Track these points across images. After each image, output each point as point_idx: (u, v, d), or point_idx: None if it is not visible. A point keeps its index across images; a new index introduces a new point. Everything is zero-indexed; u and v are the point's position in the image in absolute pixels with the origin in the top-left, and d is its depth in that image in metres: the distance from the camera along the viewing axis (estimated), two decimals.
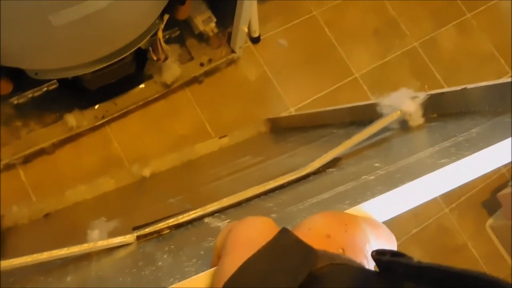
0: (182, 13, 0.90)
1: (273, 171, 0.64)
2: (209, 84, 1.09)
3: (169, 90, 1.02)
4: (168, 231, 0.46)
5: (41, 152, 0.97)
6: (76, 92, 0.96)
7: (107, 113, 0.99)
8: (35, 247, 0.69)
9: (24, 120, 0.97)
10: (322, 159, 0.51)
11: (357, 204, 0.27)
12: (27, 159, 0.97)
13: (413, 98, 0.53)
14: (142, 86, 1.03)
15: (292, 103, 1.13)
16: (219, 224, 0.42)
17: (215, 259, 0.24)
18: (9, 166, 0.96)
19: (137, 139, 1.03)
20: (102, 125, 1.00)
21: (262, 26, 1.12)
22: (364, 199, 0.28)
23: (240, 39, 1.01)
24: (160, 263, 0.35)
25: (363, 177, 0.37)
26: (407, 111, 0.54)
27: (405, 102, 0.54)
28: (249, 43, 1.13)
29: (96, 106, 0.99)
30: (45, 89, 1.00)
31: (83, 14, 0.61)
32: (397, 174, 0.34)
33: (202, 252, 0.32)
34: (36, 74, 0.79)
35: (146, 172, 0.94)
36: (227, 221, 0.42)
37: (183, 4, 0.84)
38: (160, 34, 0.87)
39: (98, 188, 0.92)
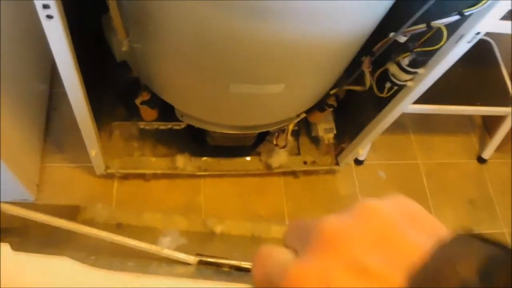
0: (315, 117, 1.01)
1: None
2: (303, 181, 1.15)
3: (269, 172, 1.09)
4: (228, 269, 0.48)
5: (140, 176, 1.06)
6: (196, 140, 1.06)
7: (209, 168, 1.08)
8: (98, 245, 0.73)
9: (141, 143, 1.09)
10: None
11: None
12: (126, 177, 1.06)
13: None
14: (248, 158, 1.11)
15: None
16: None
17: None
18: (109, 176, 1.05)
19: (221, 201, 1.09)
20: (200, 176, 1.08)
21: (369, 153, 1.19)
22: None
23: (349, 157, 1.09)
24: None
25: None
26: None
27: None
28: (352, 162, 1.19)
29: (203, 158, 1.09)
30: (170, 126, 1.12)
31: (258, 92, 0.72)
32: None
33: None
34: (182, 116, 0.91)
35: (218, 229, 0.97)
36: None
37: (321, 112, 0.94)
38: (291, 126, 0.98)
39: (171, 223, 0.95)
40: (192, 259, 0.47)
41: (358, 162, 1.20)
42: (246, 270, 0.48)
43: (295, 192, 1.13)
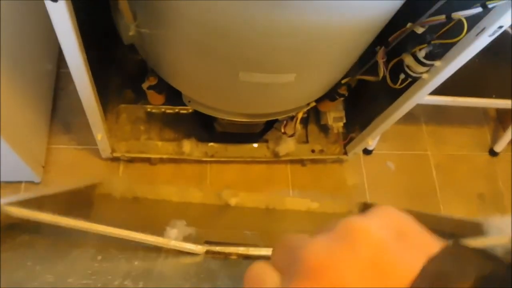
0: (325, 106, 0.99)
1: None
2: (310, 169, 1.14)
3: (276, 160, 1.08)
4: (235, 257, 0.47)
5: (146, 160, 1.06)
6: (203, 126, 1.05)
7: (216, 154, 1.07)
8: (116, 220, 0.74)
9: (148, 127, 1.08)
10: None
11: None
12: (132, 160, 1.06)
13: None
14: (255, 145, 1.10)
15: None
16: None
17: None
18: (115, 159, 1.04)
19: (227, 187, 1.08)
20: (206, 162, 1.08)
21: (378, 142, 1.17)
22: None
23: (358, 147, 1.07)
24: (219, 283, 0.38)
25: None
26: None
27: None
28: (361, 152, 1.18)
29: (210, 144, 1.08)
30: (177, 110, 1.11)
31: (268, 81, 0.70)
32: None
33: None
34: (189, 102, 0.89)
35: (233, 201, 0.97)
36: None
37: (332, 101, 0.92)
38: (300, 115, 0.96)
39: (186, 196, 0.96)
40: (199, 248, 0.47)
41: (367, 151, 1.19)
42: (255, 258, 0.48)
43: (301, 181, 1.12)
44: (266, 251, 0.47)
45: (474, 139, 1.27)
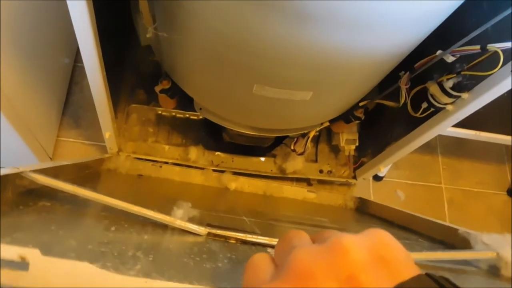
0: (339, 127, 0.95)
1: None
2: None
3: (282, 176, 1.05)
4: (234, 241, 0.51)
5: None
6: (211, 134, 1.03)
7: (221, 164, 1.04)
8: (122, 194, 0.76)
9: (156, 129, 1.06)
10: None
11: None
12: None
13: None
14: (262, 159, 1.07)
15: None
16: None
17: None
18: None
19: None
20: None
21: (390, 169, 1.13)
22: None
23: (369, 173, 1.03)
24: (220, 264, 0.41)
25: None
26: (504, 257, 0.50)
27: (505, 249, 0.51)
28: (370, 177, 1.13)
29: (217, 153, 1.05)
30: (188, 115, 1.09)
31: (283, 97, 0.67)
32: None
33: None
34: (200, 109, 0.87)
35: (232, 185, 0.99)
36: None
37: (347, 123, 0.89)
38: (311, 134, 0.93)
39: (188, 177, 0.99)
40: (202, 230, 0.50)
41: (377, 177, 1.14)
42: (250, 244, 0.51)
43: None
44: (262, 240, 0.51)
45: (493, 176, 1.22)
